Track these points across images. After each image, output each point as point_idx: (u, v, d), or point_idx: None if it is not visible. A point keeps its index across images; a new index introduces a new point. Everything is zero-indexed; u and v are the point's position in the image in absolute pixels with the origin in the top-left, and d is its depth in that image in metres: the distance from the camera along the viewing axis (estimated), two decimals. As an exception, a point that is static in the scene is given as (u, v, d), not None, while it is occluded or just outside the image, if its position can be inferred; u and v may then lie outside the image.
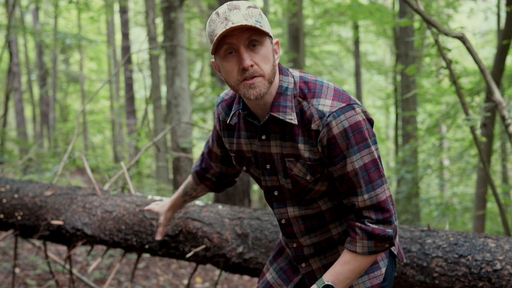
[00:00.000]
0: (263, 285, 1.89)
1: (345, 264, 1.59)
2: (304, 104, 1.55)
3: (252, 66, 1.47)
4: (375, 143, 1.55)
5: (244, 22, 1.43)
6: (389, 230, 1.57)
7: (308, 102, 1.54)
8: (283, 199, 1.68)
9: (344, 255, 1.61)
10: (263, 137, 1.61)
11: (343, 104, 1.52)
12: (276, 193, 1.68)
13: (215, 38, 1.46)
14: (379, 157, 1.56)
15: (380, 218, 1.56)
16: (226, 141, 1.73)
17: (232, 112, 1.65)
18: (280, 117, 1.54)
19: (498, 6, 7.29)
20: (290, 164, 1.59)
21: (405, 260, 1.84)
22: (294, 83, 1.57)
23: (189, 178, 2.15)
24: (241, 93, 1.52)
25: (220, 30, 1.44)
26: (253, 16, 1.46)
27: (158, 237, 2.37)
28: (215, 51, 1.51)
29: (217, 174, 2.05)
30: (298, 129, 1.56)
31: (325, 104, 1.52)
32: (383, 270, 1.71)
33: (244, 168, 1.73)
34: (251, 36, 1.46)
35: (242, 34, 1.46)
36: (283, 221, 1.72)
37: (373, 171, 1.54)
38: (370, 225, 1.56)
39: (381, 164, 1.57)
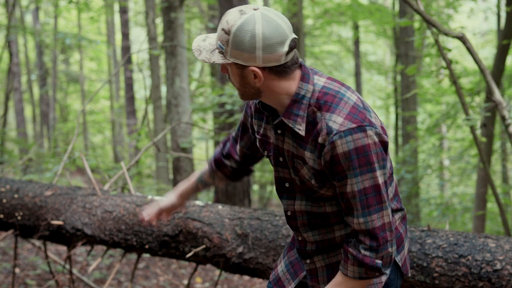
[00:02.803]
0: (273, 277, 1.92)
1: (337, 285, 1.64)
2: (318, 115, 1.55)
3: (229, 77, 1.61)
4: (383, 167, 1.53)
5: (204, 55, 1.56)
6: (378, 261, 1.57)
7: (322, 114, 1.54)
8: (293, 191, 1.72)
9: (337, 276, 1.65)
10: (279, 131, 1.65)
11: (354, 125, 1.50)
12: (287, 184, 1.72)
13: None
14: (385, 182, 1.55)
15: (373, 245, 1.56)
16: (255, 122, 1.77)
17: None
18: (290, 125, 1.58)
19: (498, 6, 7.29)
20: (298, 165, 1.64)
21: (409, 274, 1.83)
22: (313, 91, 1.57)
23: (205, 167, 2.09)
24: None
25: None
26: (214, 43, 1.57)
27: (146, 217, 2.06)
28: None
29: (238, 160, 2.00)
30: (308, 137, 1.58)
31: (336, 121, 1.51)
32: (383, 278, 1.70)
33: (266, 153, 1.76)
34: None
35: None
36: (288, 213, 1.76)
37: (372, 196, 1.53)
38: (362, 251, 1.57)
39: (386, 190, 1.55)
